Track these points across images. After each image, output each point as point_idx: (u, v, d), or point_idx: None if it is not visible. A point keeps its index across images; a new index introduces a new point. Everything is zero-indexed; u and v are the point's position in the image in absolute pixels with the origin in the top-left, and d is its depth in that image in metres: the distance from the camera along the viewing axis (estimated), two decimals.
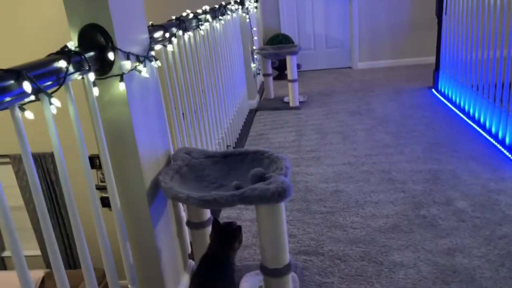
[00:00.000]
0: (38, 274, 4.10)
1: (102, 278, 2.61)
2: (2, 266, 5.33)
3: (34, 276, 3.99)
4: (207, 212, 1.73)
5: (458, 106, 3.70)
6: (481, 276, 1.70)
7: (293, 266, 1.51)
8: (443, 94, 4.11)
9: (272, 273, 1.42)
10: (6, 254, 5.33)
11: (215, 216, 2.28)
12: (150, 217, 1.42)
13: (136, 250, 1.46)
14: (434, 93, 4.30)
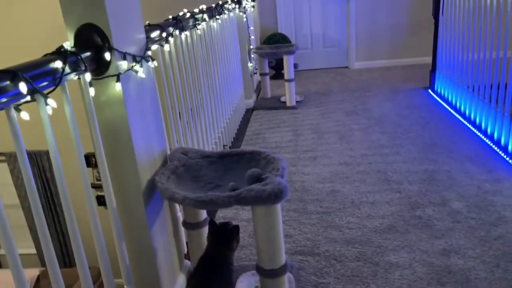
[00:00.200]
0: (33, 272, 4.09)
1: (97, 277, 2.61)
2: None
3: (29, 274, 3.97)
4: (204, 212, 1.73)
5: (454, 107, 3.71)
6: (476, 277, 1.71)
7: (289, 267, 1.51)
8: (439, 95, 4.12)
9: (268, 274, 1.43)
10: (1, 253, 5.32)
11: (212, 216, 2.28)
12: (146, 217, 1.42)
13: (132, 250, 1.46)
14: (431, 93, 4.32)
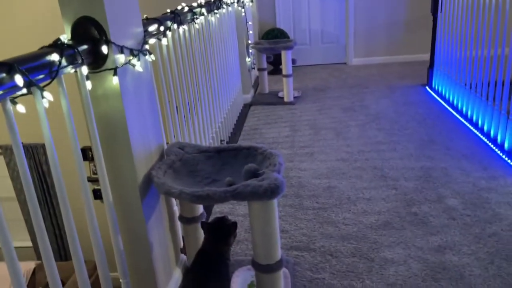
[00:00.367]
0: (29, 265, 4.09)
1: (93, 270, 2.60)
2: None
3: (25, 267, 3.97)
4: (200, 207, 1.73)
5: (451, 104, 3.72)
6: (470, 273, 1.72)
7: (284, 262, 1.52)
8: (437, 92, 4.13)
9: (264, 269, 1.43)
10: None
11: (208, 211, 2.28)
12: (142, 211, 1.42)
13: (128, 243, 1.46)
14: (428, 90, 4.32)
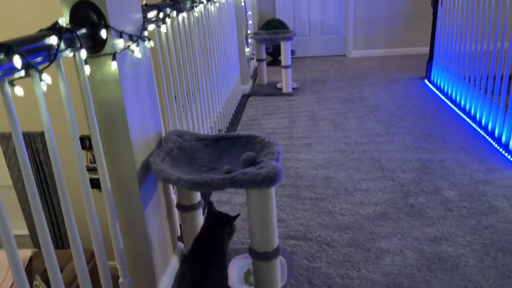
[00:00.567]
0: (26, 253, 4.09)
1: (90, 258, 2.61)
2: None
3: (22, 255, 3.97)
4: (197, 195, 1.73)
5: (450, 97, 3.72)
6: (465, 264, 1.73)
7: (281, 251, 1.53)
8: (436, 85, 4.13)
9: (260, 256, 1.44)
10: None
11: (206, 200, 2.28)
12: (140, 198, 1.42)
13: (125, 230, 1.46)
14: (427, 83, 4.32)
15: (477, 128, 3.09)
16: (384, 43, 5.74)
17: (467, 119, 3.27)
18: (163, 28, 1.87)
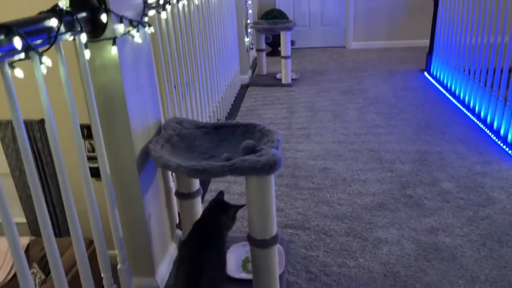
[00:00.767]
0: (23, 241, 4.10)
1: (88, 246, 2.62)
2: None
3: None
4: (196, 182, 1.73)
5: (450, 90, 3.72)
6: (462, 254, 1.74)
7: (279, 239, 1.53)
8: (435, 77, 4.12)
9: (259, 243, 1.44)
10: None
11: (204, 188, 2.28)
12: (139, 184, 1.42)
13: (124, 217, 1.46)
14: (426, 76, 4.31)
15: (476, 120, 3.10)
16: (384, 35, 5.72)
17: (466, 112, 3.28)
18: (163, 14, 1.86)
